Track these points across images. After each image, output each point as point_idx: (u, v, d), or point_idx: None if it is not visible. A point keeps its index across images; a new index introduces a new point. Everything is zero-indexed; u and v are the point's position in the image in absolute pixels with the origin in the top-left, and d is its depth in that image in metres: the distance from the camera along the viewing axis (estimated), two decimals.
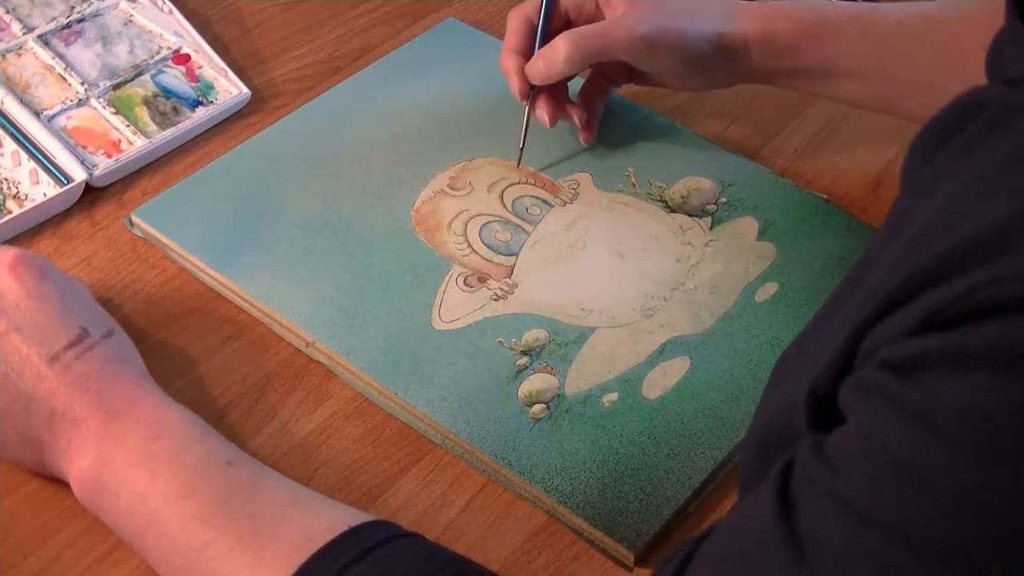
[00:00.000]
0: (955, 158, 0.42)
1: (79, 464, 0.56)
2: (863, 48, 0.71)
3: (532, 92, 0.76)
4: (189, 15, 0.87)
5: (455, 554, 0.53)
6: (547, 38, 0.74)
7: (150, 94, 0.82)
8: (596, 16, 0.75)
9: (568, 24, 0.76)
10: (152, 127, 0.79)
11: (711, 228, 0.74)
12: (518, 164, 0.77)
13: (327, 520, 0.52)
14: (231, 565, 0.51)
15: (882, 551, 0.37)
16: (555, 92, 0.77)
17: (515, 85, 0.76)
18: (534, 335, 0.67)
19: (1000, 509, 0.36)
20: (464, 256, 0.72)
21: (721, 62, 0.73)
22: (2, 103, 0.79)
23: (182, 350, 0.67)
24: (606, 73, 0.78)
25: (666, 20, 0.72)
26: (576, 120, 0.77)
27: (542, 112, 0.76)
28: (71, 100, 0.80)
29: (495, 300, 0.69)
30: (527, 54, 0.75)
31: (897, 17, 0.72)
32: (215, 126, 0.81)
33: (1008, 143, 0.39)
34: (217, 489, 0.54)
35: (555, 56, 0.72)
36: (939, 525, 0.36)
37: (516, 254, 0.72)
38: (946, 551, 0.36)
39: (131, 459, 0.55)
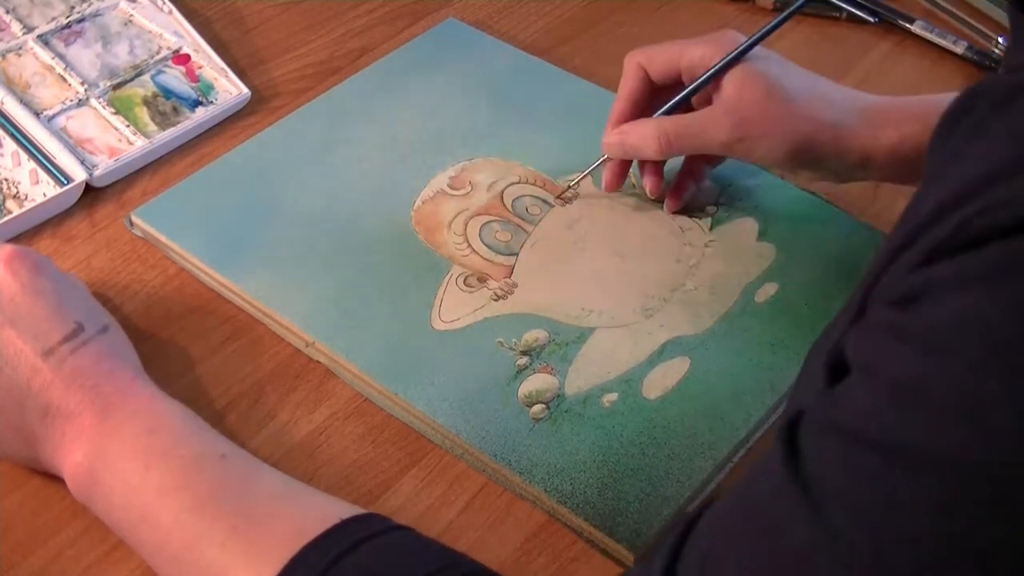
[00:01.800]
0: (962, 142, 0.43)
1: (73, 457, 0.56)
2: None
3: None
4: (189, 15, 0.87)
5: (446, 547, 0.53)
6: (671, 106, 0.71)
7: (150, 94, 0.82)
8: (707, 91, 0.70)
9: (678, 79, 0.71)
10: (152, 127, 0.79)
11: (711, 229, 0.74)
12: (565, 189, 0.75)
13: (319, 513, 0.53)
14: (224, 557, 0.52)
15: (884, 474, 0.37)
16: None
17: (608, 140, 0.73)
18: (534, 335, 0.67)
19: (999, 420, 0.35)
20: (464, 256, 0.72)
21: (834, 159, 0.68)
22: (2, 103, 0.79)
23: (182, 350, 0.67)
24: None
25: (770, 122, 0.67)
26: (648, 188, 0.74)
27: (610, 175, 0.74)
28: (71, 100, 0.80)
29: (495, 300, 0.69)
30: (639, 105, 0.72)
31: None
32: (215, 126, 0.81)
33: (1009, 120, 0.40)
34: (211, 482, 0.54)
35: (643, 144, 0.70)
36: (939, 440, 0.36)
37: (516, 254, 0.72)
38: (946, 467, 0.36)
39: (125, 452, 0.55)
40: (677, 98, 0.71)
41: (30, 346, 0.58)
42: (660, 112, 0.71)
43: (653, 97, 0.72)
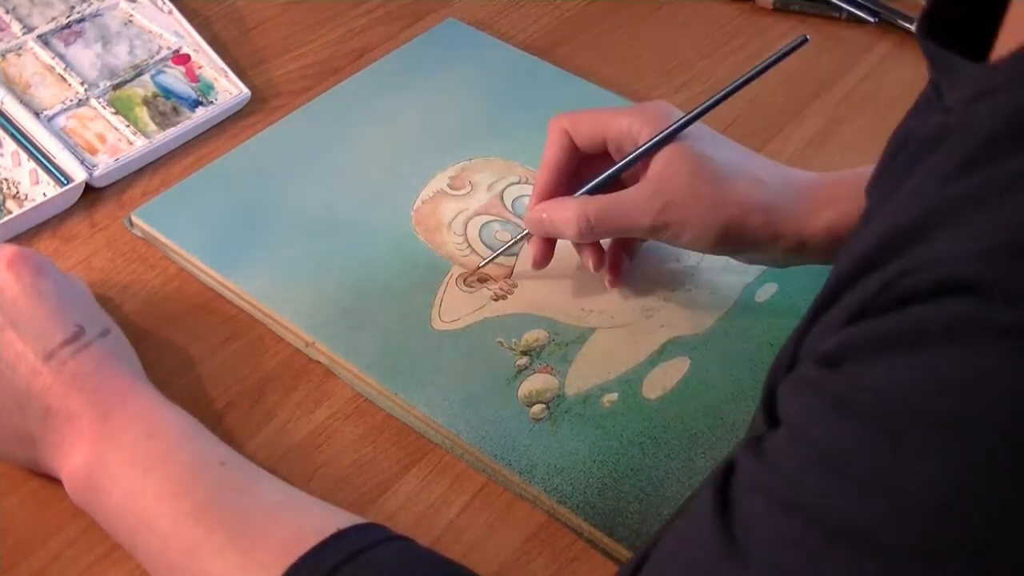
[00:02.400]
0: (893, 183, 0.43)
1: (72, 461, 0.56)
2: None
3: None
4: (189, 15, 0.87)
5: (443, 558, 0.53)
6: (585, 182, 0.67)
7: (150, 94, 0.82)
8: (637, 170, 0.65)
9: (604, 149, 0.66)
10: (152, 127, 0.79)
11: None
12: (477, 267, 0.71)
13: (318, 521, 0.52)
14: (221, 564, 0.51)
15: (804, 538, 0.37)
16: None
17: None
18: (534, 335, 0.67)
19: (915, 489, 0.35)
20: (464, 256, 0.72)
21: (767, 243, 0.64)
22: (2, 103, 0.79)
23: (182, 350, 0.67)
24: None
25: (695, 205, 0.62)
26: (590, 265, 0.68)
27: (536, 252, 0.68)
28: (71, 100, 0.80)
29: (495, 300, 0.69)
30: (564, 173, 0.67)
31: None
32: (215, 126, 0.81)
33: (933, 161, 0.40)
34: (209, 488, 0.54)
35: (562, 226, 0.65)
36: (856, 508, 0.36)
37: (516, 254, 0.72)
38: (863, 534, 0.36)
39: (124, 457, 0.55)
40: (601, 177, 0.66)
41: (31, 348, 0.58)
42: (583, 190, 0.66)
43: (580, 165, 0.67)
